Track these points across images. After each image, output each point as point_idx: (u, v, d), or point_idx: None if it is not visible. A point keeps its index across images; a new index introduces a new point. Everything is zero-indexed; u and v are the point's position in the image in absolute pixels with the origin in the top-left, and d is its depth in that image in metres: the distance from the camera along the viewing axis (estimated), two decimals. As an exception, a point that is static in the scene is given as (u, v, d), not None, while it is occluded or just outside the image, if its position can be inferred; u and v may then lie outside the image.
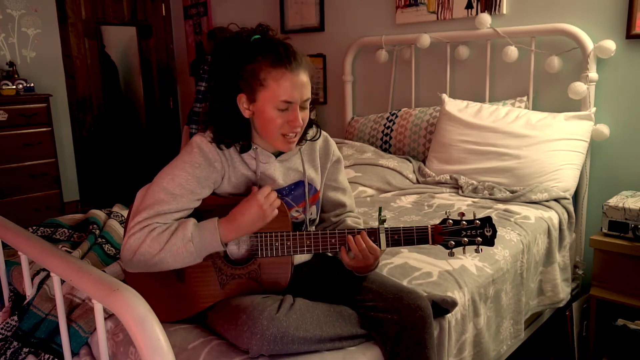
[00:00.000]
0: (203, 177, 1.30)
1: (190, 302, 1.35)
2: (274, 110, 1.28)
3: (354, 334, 1.29)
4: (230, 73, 1.30)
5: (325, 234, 1.33)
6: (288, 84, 1.26)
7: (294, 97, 1.27)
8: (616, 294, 2.06)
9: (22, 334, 1.48)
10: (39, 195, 3.83)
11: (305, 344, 1.20)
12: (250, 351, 1.18)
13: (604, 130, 2.36)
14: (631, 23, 2.28)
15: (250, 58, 1.27)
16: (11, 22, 3.95)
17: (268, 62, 1.26)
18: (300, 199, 1.43)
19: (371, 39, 3.17)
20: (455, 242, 1.33)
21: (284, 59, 1.26)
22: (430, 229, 1.33)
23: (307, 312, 1.24)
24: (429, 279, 1.58)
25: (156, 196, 1.27)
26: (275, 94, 1.26)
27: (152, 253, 1.24)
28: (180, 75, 4.91)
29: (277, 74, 1.26)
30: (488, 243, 1.34)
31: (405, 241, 1.34)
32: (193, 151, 1.31)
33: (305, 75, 1.30)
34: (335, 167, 1.52)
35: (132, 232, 1.25)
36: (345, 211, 1.56)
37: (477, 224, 1.33)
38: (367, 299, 1.33)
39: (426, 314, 1.29)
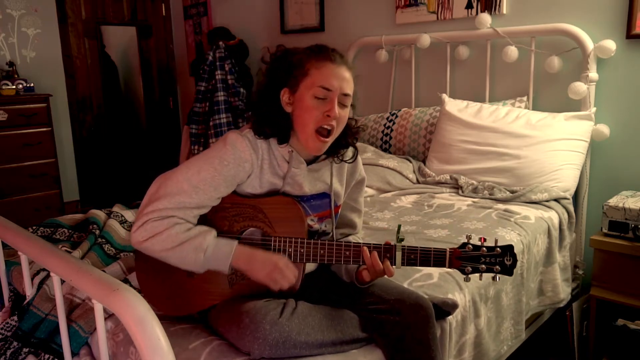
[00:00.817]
0: (230, 175, 1.29)
1: (197, 298, 1.34)
2: (312, 99, 1.28)
3: (355, 337, 1.28)
4: (278, 69, 1.34)
5: (340, 245, 1.31)
6: (329, 71, 1.29)
7: (332, 85, 1.28)
8: (616, 294, 2.06)
9: (22, 334, 1.49)
10: (39, 195, 3.83)
11: (307, 348, 1.20)
12: (251, 354, 1.18)
13: (604, 130, 2.36)
14: (631, 23, 2.28)
15: (301, 52, 1.33)
16: (11, 22, 3.95)
17: (313, 54, 1.31)
18: (318, 208, 1.41)
19: (371, 39, 3.17)
20: (472, 268, 1.29)
21: (329, 53, 1.32)
22: (449, 253, 1.30)
23: (310, 316, 1.24)
24: (430, 281, 1.58)
25: (179, 185, 1.26)
26: (315, 80, 1.28)
27: (163, 247, 1.24)
28: (180, 75, 4.91)
29: (319, 63, 1.30)
30: (507, 272, 1.29)
31: (421, 262, 1.31)
32: (226, 147, 1.29)
33: (347, 72, 1.32)
34: (357, 187, 1.52)
35: (152, 218, 1.24)
36: (353, 232, 1.55)
37: (498, 252, 1.29)
38: (369, 302, 1.33)
39: (428, 313, 1.29)
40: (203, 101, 3.74)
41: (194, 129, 3.78)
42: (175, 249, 1.24)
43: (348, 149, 1.43)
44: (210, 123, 3.64)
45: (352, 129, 1.41)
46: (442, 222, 2.04)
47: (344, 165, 1.46)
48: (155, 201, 1.26)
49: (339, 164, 1.44)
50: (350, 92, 1.33)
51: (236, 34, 3.96)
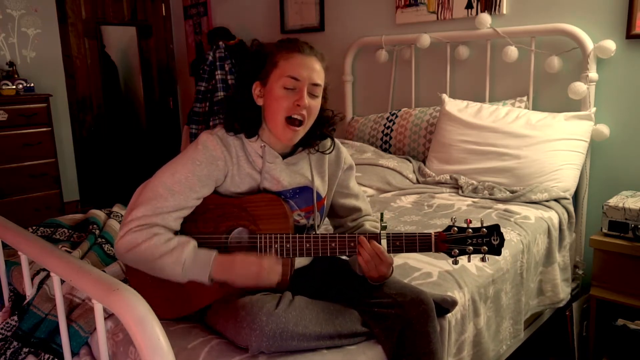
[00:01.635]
0: (204, 175, 1.30)
1: (189, 300, 1.35)
2: (281, 89, 1.30)
3: (354, 331, 1.28)
4: (250, 63, 1.36)
5: (325, 237, 1.32)
6: (297, 61, 1.30)
7: (301, 75, 1.29)
8: (616, 294, 2.06)
9: (22, 334, 1.48)
10: (39, 195, 3.83)
11: (304, 340, 1.20)
12: (249, 348, 1.18)
13: (604, 130, 2.36)
14: (631, 23, 2.28)
15: (271, 46, 1.34)
16: (11, 22, 3.95)
17: (282, 46, 1.33)
18: (303, 203, 1.42)
19: (371, 39, 3.17)
20: (459, 250, 1.30)
21: (297, 44, 1.32)
22: (434, 236, 1.30)
23: (307, 309, 1.24)
24: (429, 279, 1.58)
25: (155, 190, 1.28)
26: (284, 70, 1.30)
27: (145, 258, 1.26)
28: (180, 75, 4.91)
29: (288, 54, 1.31)
30: (495, 252, 1.30)
31: (407, 248, 1.31)
32: (197, 148, 1.31)
33: (317, 63, 1.33)
34: (346, 175, 1.52)
35: (131, 228, 1.26)
36: (362, 215, 1.55)
37: (484, 232, 1.29)
38: (369, 296, 1.33)
39: (429, 307, 1.29)
40: (203, 101, 3.74)
41: (194, 129, 3.78)
42: (155, 262, 1.25)
43: (325, 140, 1.44)
44: (210, 123, 3.64)
45: (328, 119, 1.42)
46: (442, 222, 2.04)
47: (324, 157, 1.46)
48: (134, 209, 1.28)
49: (317, 157, 1.44)
50: (321, 82, 1.34)
51: (236, 34, 3.96)
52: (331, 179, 1.48)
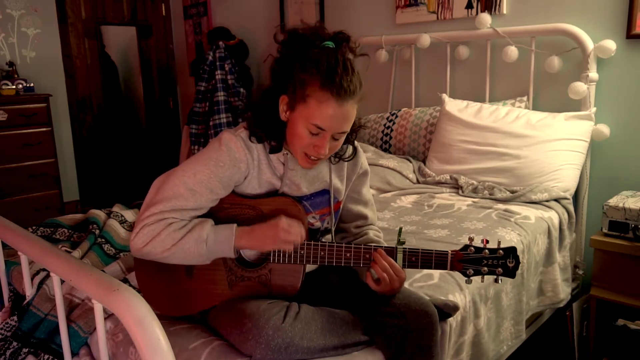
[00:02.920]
0: (226, 177, 1.27)
1: (196, 298, 1.34)
2: (304, 129, 1.23)
3: (356, 340, 1.28)
4: (284, 71, 1.26)
5: (341, 246, 1.30)
6: (329, 111, 1.20)
7: (328, 126, 1.22)
8: (616, 294, 2.06)
9: (22, 334, 1.48)
10: (39, 195, 3.83)
11: (309, 353, 1.20)
12: (253, 358, 1.17)
13: (604, 130, 2.35)
14: (631, 23, 2.28)
15: (307, 66, 1.21)
16: (11, 22, 3.95)
17: (319, 80, 1.19)
18: (319, 205, 1.40)
19: (371, 39, 3.17)
20: (474, 270, 1.28)
21: (336, 84, 1.18)
22: (450, 256, 1.28)
23: (312, 320, 1.23)
24: (430, 281, 1.57)
25: (175, 189, 1.25)
26: (312, 114, 1.21)
27: (164, 247, 1.23)
28: (180, 75, 4.91)
29: (323, 97, 1.19)
30: (509, 275, 1.27)
31: (422, 264, 1.29)
32: (220, 148, 1.27)
33: (352, 108, 1.23)
34: (360, 180, 1.49)
35: (147, 223, 1.24)
36: (367, 223, 1.53)
37: (500, 254, 1.27)
38: (373, 304, 1.32)
39: (433, 320, 1.28)
40: (203, 101, 3.74)
41: (194, 129, 3.78)
42: (177, 246, 1.23)
43: (347, 147, 1.41)
44: (210, 123, 3.64)
45: (353, 130, 1.37)
46: (442, 222, 2.04)
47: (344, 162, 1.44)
48: (151, 206, 1.25)
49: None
50: (349, 128, 1.27)
51: (236, 34, 3.96)
52: (347, 182, 1.46)
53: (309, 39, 1.25)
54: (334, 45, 1.25)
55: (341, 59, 1.21)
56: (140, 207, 1.32)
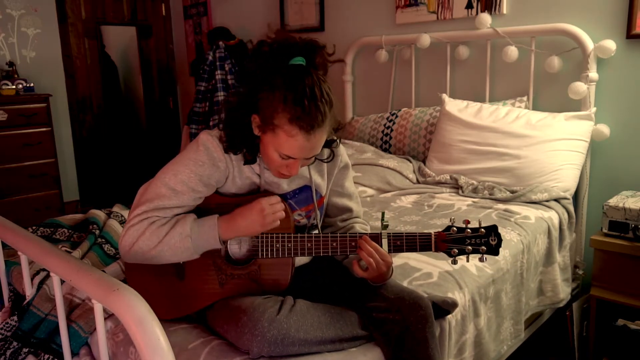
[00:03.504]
0: (206, 175, 1.29)
1: (189, 300, 1.35)
2: (275, 154, 1.24)
3: (354, 335, 1.28)
4: (254, 89, 1.24)
5: (327, 237, 1.32)
6: (297, 145, 1.20)
7: (297, 156, 1.24)
8: (616, 294, 2.06)
9: (22, 334, 1.48)
10: (39, 195, 3.83)
11: (306, 345, 1.20)
12: (250, 353, 1.18)
13: (604, 130, 2.36)
14: (631, 23, 2.28)
15: (276, 92, 1.18)
16: (11, 22, 3.95)
17: (288, 115, 1.17)
18: (303, 202, 1.42)
19: (371, 39, 3.17)
20: (458, 250, 1.31)
21: (304, 119, 1.17)
22: (434, 236, 1.31)
23: (308, 314, 1.24)
24: (429, 280, 1.58)
25: (157, 190, 1.27)
26: (281, 145, 1.21)
27: (150, 246, 1.24)
28: (180, 75, 4.91)
29: (291, 131, 1.18)
30: (493, 252, 1.31)
31: (407, 247, 1.32)
32: (198, 149, 1.30)
33: (321, 135, 1.23)
34: (342, 173, 1.50)
35: (132, 224, 1.26)
36: (352, 216, 1.55)
37: (482, 232, 1.31)
38: (368, 300, 1.33)
39: (427, 313, 1.29)
40: (203, 101, 3.74)
41: (194, 129, 3.78)
42: (162, 243, 1.24)
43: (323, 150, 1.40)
44: (210, 123, 3.64)
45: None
46: (442, 222, 2.04)
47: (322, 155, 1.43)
48: (135, 209, 1.28)
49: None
50: (319, 150, 1.27)
51: (236, 34, 3.96)
52: (328, 176, 1.48)
53: (277, 55, 1.23)
54: (304, 62, 1.22)
55: (309, 84, 1.18)
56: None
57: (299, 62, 1.23)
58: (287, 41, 1.24)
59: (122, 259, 1.32)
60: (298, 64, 1.22)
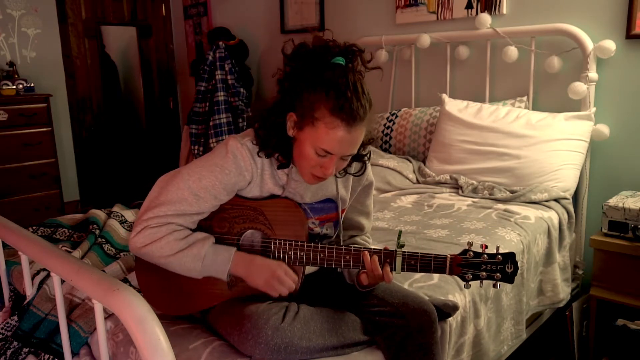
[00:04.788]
0: (231, 183, 1.27)
1: (195, 298, 1.34)
2: (312, 151, 1.21)
3: (356, 340, 1.28)
4: (292, 88, 1.24)
5: (340, 249, 1.30)
6: (337, 138, 1.18)
7: (335, 151, 1.21)
8: (616, 294, 2.06)
9: (22, 334, 1.49)
10: (39, 195, 3.83)
11: (308, 353, 1.20)
12: (252, 358, 1.18)
13: (604, 130, 2.36)
14: (631, 23, 2.28)
15: (317, 87, 1.18)
16: (11, 22, 3.95)
17: (329, 105, 1.16)
18: (320, 211, 1.39)
19: (371, 39, 3.17)
20: (473, 275, 1.28)
21: (346, 110, 1.16)
22: (449, 260, 1.28)
23: (312, 320, 1.24)
24: (430, 282, 1.58)
25: (180, 193, 1.25)
26: (320, 139, 1.19)
27: (162, 254, 1.24)
28: (180, 75, 4.91)
29: (332, 123, 1.17)
30: (507, 280, 1.27)
31: (421, 268, 1.29)
32: (227, 155, 1.26)
33: (361, 131, 1.21)
34: (365, 191, 1.48)
35: (150, 224, 1.24)
36: (361, 234, 1.53)
37: (499, 259, 1.27)
38: (372, 304, 1.32)
39: (432, 318, 1.29)
40: (203, 101, 3.74)
41: (194, 129, 3.78)
42: (174, 257, 1.24)
43: (354, 164, 1.39)
44: (210, 123, 3.64)
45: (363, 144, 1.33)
46: (442, 222, 2.04)
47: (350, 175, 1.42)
48: (155, 207, 1.25)
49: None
50: (356, 150, 1.25)
51: (236, 34, 3.96)
52: (352, 192, 1.45)
53: (318, 55, 1.22)
54: (344, 62, 1.22)
55: (352, 80, 1.18)
56: (141, 207, 1.31)
57: (339, 61, 1.22)
58: (327, 43, 1.24)
59: (131, 251, 1.30)
60: (339, 63, 1.22)
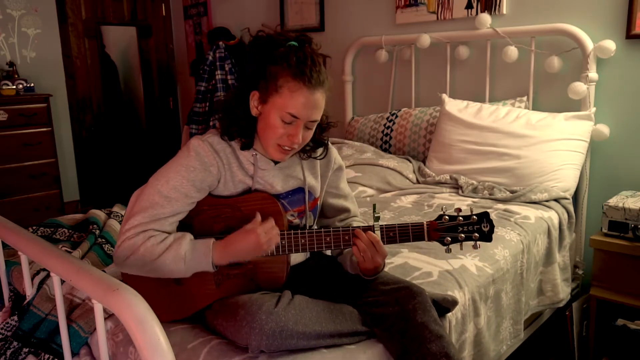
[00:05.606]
0: (198, 180, 1.30)
1: (186, 302, 1.35)
2: (278, 119, 1.28)
3: (354, 330, 1.28)
4: (253, 68, 1.31)
5: (320, 232, 1.33)
6: (301, 99, 1.25)
7: (301, 114, 1.27)
8: (616, 294, 2.06)
9: (22, 334, 1.49)
10: (39, 195, 3.83)
11: (304, 338, 1.20)
12: (249, 347, 1.18)
13: (604, 130, 2.36)
14: (631, 23, 2.28)
15: (278, 61, 1.27)
16: (11, 22, 3.95)
17: (290, 71, 1.25)
18: (296, 203, 1.42)
19: (371, 39, 3.17)
20: (451, 238, 1.32)
21: (306, 73, 1.25)
22: (426, 225, 1.32)
23: (307, 308, 1.24)
24: (429, 279, 1.58)
25: (151, 199, 1.28)
26: (285, 104, 1.26)
27: (144, 262, 1.26)
28: (180, 75, 4.91)
29: (295, 86, 1.25)
30: (486, 238, 1.32)
31: (400, 238, 1.33)
32: (189, 154, 1.31)
33: (322, 96, 1.29)
34: (336, 175, 1.52)
35: (128, 236, 1.26)
36: (350, 216, 1.56)
37: (474, 219, 1.32)
38: (367, 296, 1.33)
39: (424, 299, 1.30)
40: (203, 101, 3.74)
41: (194, 129, 3.78)
42: (156, 262, 1.25)
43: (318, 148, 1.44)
44: (210, 123, 3.64)
45: (322, 127, 1.42)
46: (442, 222, 2.04)
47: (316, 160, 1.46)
48: (130, 219, 1.28)
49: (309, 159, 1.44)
50: (319, 117, 1.32)
51: (236, 34, 3.96)
52: (322, 179, 1.49)
53: (274, 40, 1.31)
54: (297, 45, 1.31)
55: (308, 53, 1.28)
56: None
57: (294, 44, 1.31)
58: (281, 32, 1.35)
59: (117, 268, 1.33)
60: (293, 44, 1.30)
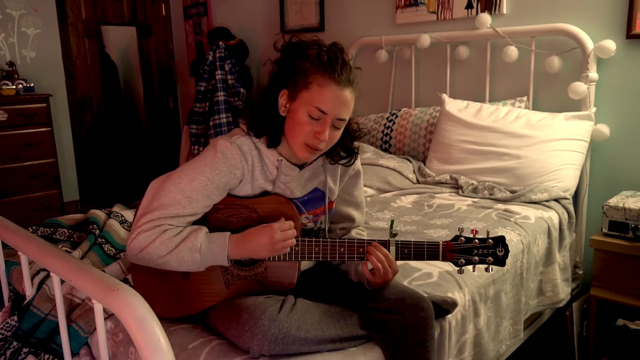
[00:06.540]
0: (222, 182, 1.30)
1: (193, 299, 1.35)
2: (306, 115, 1.26)
3: (354, 334, 1.28)
4: (283, 68, 1.31)
5: (335, 242, 1.32)
6: (330, 94, 1.25)
7: (328, 109, 1.26)
8: (616, 294, 2.06)
9: (22, 334, 1.49)
10: (39, 195, 3.82)
11: (306, 344, 1.20)
12: (250, 351, 1.18)
13: (604, 130, 2.36)
14: (631, 23, 2.28)
15: (308, 58, 1.27)
16: (11, 22, 3.94)
17: (320, 67, 1.25)
18: (311, 205, 1.41)
19: (371, 39, 3.17)
20: (465, 260, 1.32)
21: (336, 69, 1.25)
22: (442, 246, 1.32)
23: (309, 313, 1.24)
24: (430, 280, 1.58)
25: (172, 196, 1.27)
26: (314, 98, 1.25)
27: (159, 254, 1.25)
28: (180, 75, 4.91)
29: (324, 81, 1.25)
30: (499, 263, 1.32)
31: (415, 256, 1.32)
32: (216, 155, 1.29)
33: (351, 95, 1.28)
34: (352, 181, 1.50)
35: (144, 229, 1.25)
36: (353, 226, 1.55)
37: (490, 243, 1.32)
38: (369, 300, 1.33)
39: (428, 314, 1.30)
40: (203, 101, 3.74)
41: (194, 129, 3.78)
42: (171, 254, 1.25)
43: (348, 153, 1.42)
44: (210, 123, 3.64)
45: (353, 133, 1.40)
46: (442, 222, 2.04)
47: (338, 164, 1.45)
48: (148, 213, 1.27)
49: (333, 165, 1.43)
50: (347, 116, 1.30)
51: (236, 34, 3.96)
52: (339, 182, 1.48)
53: (307, 43, 1.31)
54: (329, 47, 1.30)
55: (340, 55, 1.28)
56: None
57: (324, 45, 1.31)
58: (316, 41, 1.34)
59: (129, 260, 1.32)
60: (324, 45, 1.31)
